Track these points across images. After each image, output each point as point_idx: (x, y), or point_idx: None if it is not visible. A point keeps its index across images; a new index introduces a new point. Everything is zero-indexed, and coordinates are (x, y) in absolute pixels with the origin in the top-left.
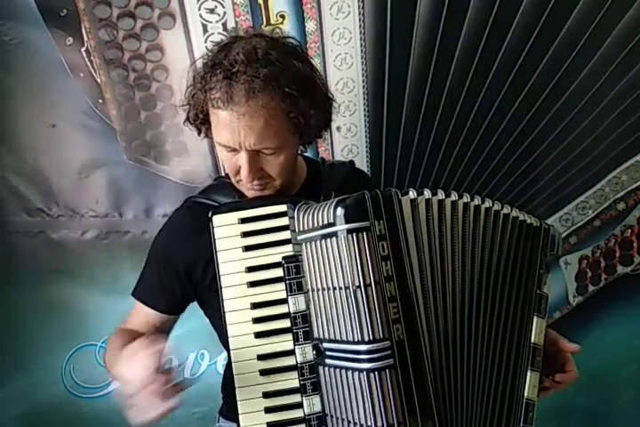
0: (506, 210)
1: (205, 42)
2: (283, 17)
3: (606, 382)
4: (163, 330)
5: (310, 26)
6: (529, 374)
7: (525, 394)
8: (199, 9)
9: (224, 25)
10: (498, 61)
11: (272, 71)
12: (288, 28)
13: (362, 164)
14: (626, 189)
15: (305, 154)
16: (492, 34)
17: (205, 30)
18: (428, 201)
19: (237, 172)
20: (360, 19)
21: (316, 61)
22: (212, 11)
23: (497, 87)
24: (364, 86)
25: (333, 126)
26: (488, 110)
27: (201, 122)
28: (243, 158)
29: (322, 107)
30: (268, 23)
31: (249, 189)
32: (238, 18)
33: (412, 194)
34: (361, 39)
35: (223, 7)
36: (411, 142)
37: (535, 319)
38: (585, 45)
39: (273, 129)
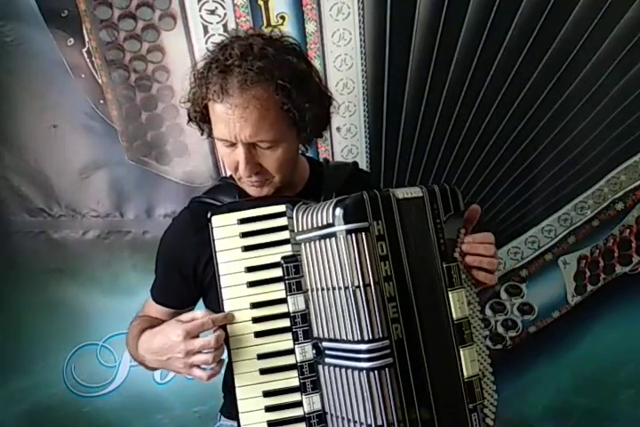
0: None
1: (206, 43)
2: (283, 18)
3: (605, 381)
4: None
5: (310, 27)
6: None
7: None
8: (200, 10)
9: (225, 26)
10: (497, 62)
11: (266, 64)
12: (288, 29)
13: (362, 164)
14: (624, 189)
15: (307, 155)
16: (491, 35)
17: (206, 31)
18: None
19: (236, 168)
20: (360, 20)
21: (316, 62)
22: (212, 12)
23: (496, 87)
24: (363, 87)
25: (333, 127)
26: (487, 111)
27: (201, 119)
28: (240, 152)
29: (318, 102)
30: (269, 24)
31: (249, 185)
32: (239, 19)
33: None
34: (361, 40)
35: (224, 8)
36: (410, 143)
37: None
38: (584, 46)
39: (267, 121)
